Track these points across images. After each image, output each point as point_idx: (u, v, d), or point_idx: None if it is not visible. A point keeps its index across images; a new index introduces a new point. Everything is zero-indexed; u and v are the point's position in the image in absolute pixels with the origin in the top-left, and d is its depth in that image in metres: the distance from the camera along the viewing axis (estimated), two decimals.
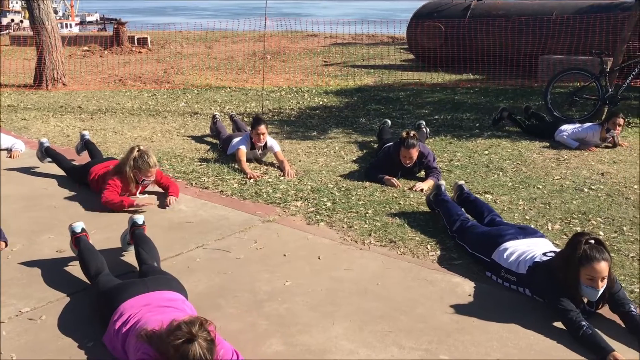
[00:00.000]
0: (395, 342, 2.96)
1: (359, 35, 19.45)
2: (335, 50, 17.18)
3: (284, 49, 16.76)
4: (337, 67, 13.97)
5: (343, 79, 12.20)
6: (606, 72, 7.93)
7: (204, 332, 2.34)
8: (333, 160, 6.31)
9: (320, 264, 3.85)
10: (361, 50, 16.83)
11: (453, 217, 4.23)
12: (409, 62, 14.65)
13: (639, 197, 5.03)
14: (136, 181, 4.92)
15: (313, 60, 15.16)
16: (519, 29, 12.12)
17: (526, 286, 3.38)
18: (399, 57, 15.70)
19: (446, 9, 13.49)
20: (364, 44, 18.72)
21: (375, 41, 19.60)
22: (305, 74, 12.85)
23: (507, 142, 6.94)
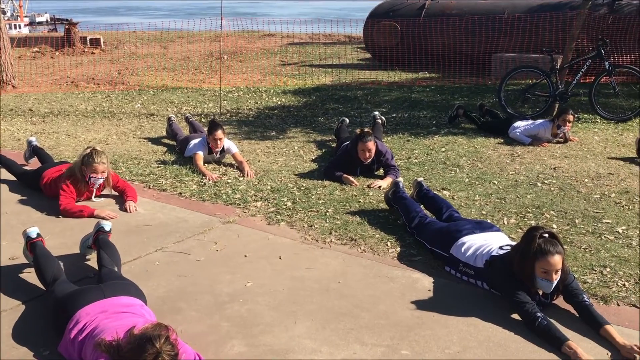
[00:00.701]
0: (357, 339, 2.97)
1: (316, 34, 19.48)
2: (293, 49, 17.17)
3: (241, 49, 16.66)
4: (295, 67, 13.96)
5: (301, 78, 12.20)
6: (556, 69, 8.16)
7: (168, 345, 2.30)
8: (292, 160, 6.31)
9: (281, 263, 3.85)
10: (318, 50, 16.87)
11: (411, 214, 4.29)
12: (366, 61, 14.75)
13: (590, 190, 5.19)
14: (85, 181, 4.80)
15: (270, 60, 15.11)
16: (473, 28, 12.35)
17: (484, 280, 3.45)
18: (356, 56, 15.79)
19: (401, 8, 13.64)
20: (321, 43, 18.77)
21: (332, 40, 19.67)
22: (263, 74, 12.80)
23: (463, 139, 7.06)
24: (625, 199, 4.97)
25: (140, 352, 2.25)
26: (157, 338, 2.28)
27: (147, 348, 2.25)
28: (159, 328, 2.35)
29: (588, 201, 4.93)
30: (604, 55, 8.01)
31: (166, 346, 2.28)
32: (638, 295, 3.37)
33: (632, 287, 3.47)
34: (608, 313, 3.17)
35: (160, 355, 2.25)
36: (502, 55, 11.71)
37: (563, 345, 2.83)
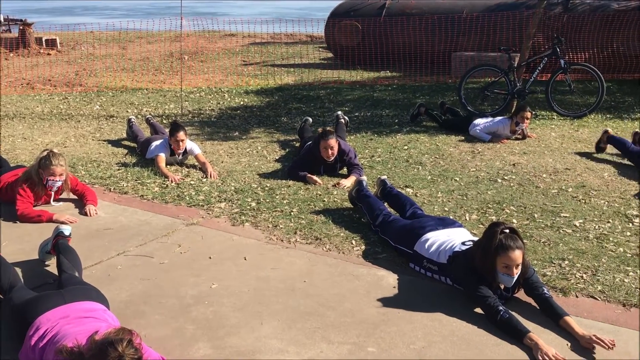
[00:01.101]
0: (324, 338, 2.98)
1: (277, 34, 19.43)
2: (254, 49, 17.09)
3: (202, 49, 16.50)
4: (257, 67, 13.90)
5: (263, 78, 12.16)
6: (514, 67, 8.33)
7: (130, 349, 2.25)
8: (256, 160, 6.28)
9: (246, 264, 3.83)
10: (280, 50, 16.83)
11: (375, 212, 4.32)
12: (328, 61, 14.79)
13: (548, 185, 5.32)
14: (42, 184, 4.69)
15: (232, 60, 15.01)
16: (432, 27, 12.51)
17: (447, 275, 3.50)
18: (318, 56, 15.81)
19: (362, 7, 13.71)
20: (283, 43, 18.73)
21: (294, 40, 19.65)
22: (225, 74, 12.70)
23: (425, 137, 7.15)
24: (582, 193, 5.11)
25: (103, 356, 2.21)
26: (120, 342, 2.24)
27: (109, 352, 2.21)
28: (122, 332, 2.31)
29: (546, 196, 5.05)
30: (559, 53, 8.21)
31: (129, 350, 2.24)
32: (595, 287, 3.47)
33: (589, 278, 3.57)
34: (567, 305, 3.25)
35: (123, 359, 2.21)
36: (462, 54, 11.89)
37: (524, 337, 2.90)
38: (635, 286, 3.46)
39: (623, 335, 2.99)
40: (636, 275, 3.60)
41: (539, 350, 2.80)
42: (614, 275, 3.60)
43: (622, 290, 3.43)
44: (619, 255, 3.88)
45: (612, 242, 4.09)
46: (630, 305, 3.28)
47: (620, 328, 3.07)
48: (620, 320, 3.14)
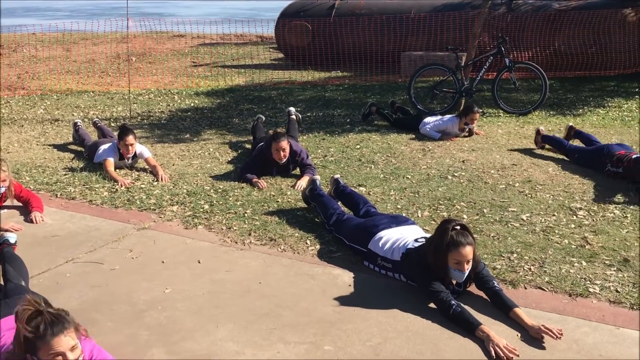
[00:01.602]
0: (280, 339, 2.98)
1: (227, 35, 19.27)
2: (204, 50, 16.90)
3: (150, 50, 16.20)
4: (207, 68, 13.76)
5: (213, 79, 12.04)
6: (461, 66, 8.50)
7: (49, 307, 2.34)
8: (208, 162, 6.22)
9: (200, 267, 3.79)
10: (230, 50, 16.70)
11: (329, 211, 4.34)
12: (279, 61, 14.77)
13: (496, 181, 5.46)
14: None
15: (181, 61, 14.80)
16: (381, 27, 12.65)
17: (401, 272, 3.55)
18: (268, 56, 15.77)
19: (312, 8, 13.75)
20: (233, 43, 18.59)
21: (244, 41, 19.52)
22: (174, 76, 12.52)
23: (376, 136, 7.22)
24: (528, 187, 5.26)
25: (37, 331, 2.25)
26: (35, 301, 2.31)
27: (28, 308, 2.28)
28: (28, 303, 2.34)
29: (495, 191, 5.18)
30: (504, 52, 8.43)
31: (48, 308, 2.32)
32: (543, 278, 3.58)
33: (537, 270, 3.68)
34: (516, 296, 3.34)
35: (43, 311, 2.28)
36: (411, 53, 12.07)
37: (476, 330, 2.97)
38: (580, 276, 3.59)
39: (570, 324, 3.10)
40: (581, 266, 3.74)
41: (490, 341, 2.87)
42: (560, 267, 3.72)
43: (567, 280, 3.55)
44: (564, 247, 4.01)
45: (558, 234, 4.23)
46: (576, 294, 3.40)
47: (567, 317, 3.18)
48: (567, 310, 3.25)
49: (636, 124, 7.63)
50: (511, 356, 2.80)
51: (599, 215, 4.58)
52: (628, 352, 2.85)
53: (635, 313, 3.20)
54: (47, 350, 2.24)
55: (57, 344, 2.25)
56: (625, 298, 3.34)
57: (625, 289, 3.45)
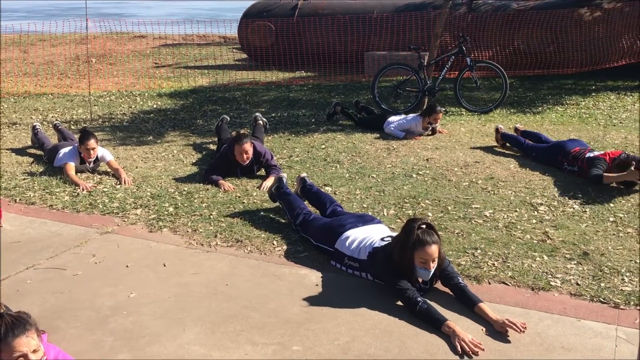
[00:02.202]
0: (248, 340, 2.96)
1: (190, 35, 19.08)
2: (166, 51, 16.70)
3: (110, 52, 15.93)
4: (170, 69, 13.60)
5: (176, 80, 11.91)
6: (424, 65, 8.60)
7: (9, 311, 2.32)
8: (172, 164, 6.15)
9: (166, 271, 3.74)
10: (193, 51, 16.55)
11: (296, 210, 4.34)
12: (242, 62, 14.69)
13: (460, 179, 5.53)
14: None
15: (143, 62, 14.59)
16: (345, 27, 12.70)
17: (368, 271, 3.57)
18: (232, 57, 15.67)
19: (275, 8, 13.72)
20: (195, 44, 18.42)
21: (206, 41, 19.36)
22: (136, 77, 12.34)
23: (341, 136, 7.25)
24: (491, 184, 5.35)
25: None
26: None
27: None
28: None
29: (458, 189, 5.26)
30: (465, 52, 8.56)
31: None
32: (506, 273, 3.65)
33: (500, 265, 3.75)
34: (481, 291, 3.40)
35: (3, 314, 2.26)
36: (374, 53, 12.15)
37: (442, 326, 3.01)
38: (542, 270, 3.67)
39: (533, 317, 3.17)
40: (542, 260, 3.82)
41: (456, 336, 2.91)
42: (523, 261, 3.80)
43: (530, 275, 3.62)
44: (527, 242, 4.10)
45: (520, 229, 4.32)
46: (538, 288, 3.47)
47: (530, 311, 3.24)
48: (529, 303, 3.32)
49: (593, 121, 7.84)
50: (476, 350, 2.85)
51: (559, 211, 4.69)
52: (589, 343, 2.93)
53: (596, 305, 3.29)
54: (9, 352, 2.21)
55: (19, 345, 2.23)
56: (586, 291, 3.43)
57: (585, 281, 3.54)
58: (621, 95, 9.47)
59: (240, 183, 5.49)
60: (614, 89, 10.01)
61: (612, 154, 5.27)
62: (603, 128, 7.42)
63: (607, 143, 6.62)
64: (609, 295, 3.36)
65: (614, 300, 3.31)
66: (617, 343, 2.93)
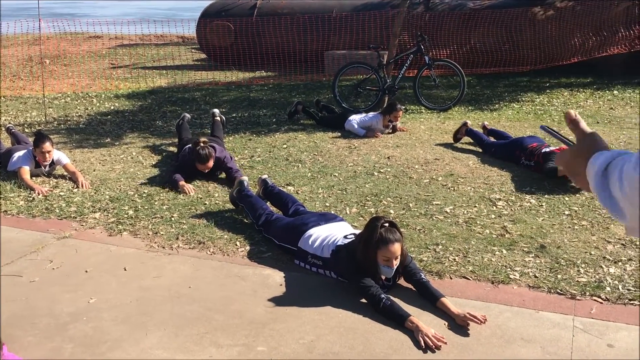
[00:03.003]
0: (212, 342, 2.94)
1: (147, 35, 18.78)
2: (123, 51, 16.41)
3: (65, 52, 15.56)
4: (127, 70, 13.36)
5: (134, 81, 11.71)
6: (383, 64, 8.67)
7: None
8: (131, 167, 6.04)
9: (126, 275, 3.68)
10: (151, 51, 16.30)
11: (258, 211, 4.32)
12: (201, 62, 14.54)
13: (420, 176, 5.60)
14: None
15: (99, 63, 14.30)
16: (304, 27, 12.71)
17: (331, 269, 3.58)
18: (191, 57, 15.50)
19: (233, 7, 13.63)
20: (153, 44, 18.15)
21: (164, 41, 19.10)
22: (92, 78, 12.09)
23: (303, 135, 7.25)
24: (451, 181, 5.44)
25: None
26: None
27: None
28: None
29: (419, 186, 5.32)
30: (424, 51, 8.67)
31: None
32: (467, 268, 3.71)
33: (461, 260, 3.81)
34: (443, 286, 3.45)
35: None
36: (334, 52, 12.19)
37: (406, 321, 3.04)
38: (501, 264, 3.75)
39: (493, 310, 3.23)
40: (502, 254, 3.90)
41: (419, 331, 2.95)
42: (483, 256, 3.87)
43: (490, 268, 3.69)
44: (486, 237, 4.18)
45: (479, 225, 4.40)
46: (498, 282, 3.54)
47: (490, 304, 3.31)
48: (490, 297, 3.39)
49: (548, 117, 8.04)
50: (439, 344, 2.89)
51: (517, 205, 4.79)
52: (548, 334, 3.01)
53: (553, 296, 3.38)
54: None
55: None
56: (543, 282, 3.52)
57: (542, 273, 3.63)
58: (574, 91, 9.74)
59: (201, 184, 5.44)
60: (567, 85, 10.29)
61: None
62: (557, 124, 7.62)
63: None
64: (566, 287, 3.46)
65: (571, 292, 3.41)
66: (574, 333, 3.01)
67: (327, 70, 11.92)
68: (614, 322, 3.11)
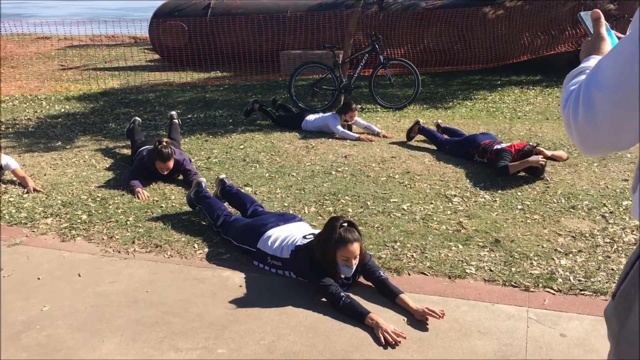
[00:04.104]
0: (171, 347, 2.90)
1: (97, 36, 18.39)
2: (73, 53, 16.01)
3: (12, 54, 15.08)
4: (77, 71, 13.04)
5: (85, 83, 11.44)
6: (339, 64, 8.71)
7: None
8: (84, 170, 5.90)
9: (81, 281, 3.59)
10: (102, 52, 15.96)
11: (216, 212, 4.29)
12: (155, 62, 14.32)
13: (377, 174, 5.66)
14: None
15: (48, 64, 13.91)
16: (259, 27, 12.66)
17: (291, 269, 3.58)
18: (144, 58, 15.24)
19: (186, 7, 13.46)
20: (104, 45, 17.77)
21: (116, 42, 18.73)
22: (41, 80, 11.75)
23: (260, 135, 7.22)
24: (407, 178, 5.51)
25: None
26: None
27: None
28: None
29: (376, 184, 5.37)
30: (378, 50, 8.75)
31: None
32: (424, 264, 3.77)
33: (419, 257, 3.87)
34: (401, 283, 3.49)
35: None
36: (289, 52, 12.18)
37: (366, 318, 3.07)
38: (457, 259, 3.82)
39: (451, 305, 3.29)
40: (458, 249, 3.98)
41: (379, 328, 2.98)
42: (439, 251, 3.94)
43: (447, 264, 3.76)
44: (442, 233, 4.25)
45: (436, 221, 4.47)
46: (455, 276, 3.61)
47: (447, 298, 3.37)
48: (447, 291, 3.45)
49: (500, 114, 8.23)
50: (399, 340, 2.93)
51: (472, 201, 4.89)
52: (503, 326, 3.08)
53: (508, 289, 3.46)
54: None
55: None
56: (498, 276, 3.60)
57: (497, 267, 3.71)
58: (524, 89, 9.99)
59: (157, 187, 5.36)
60: (518, 83, 10.55)
61: (517, 146, 5.56)
62: (509, 121, 7.80)
63: (513, 135, 6.97)
64: (520, 279, 3.55)
65: (524, 284, 3.50)
66: (528, 324, 3.09)
67: (283, 70, 11.91)
68: (566, 312, 3.20)
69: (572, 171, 5.57)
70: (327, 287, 3.25)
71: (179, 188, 5.32)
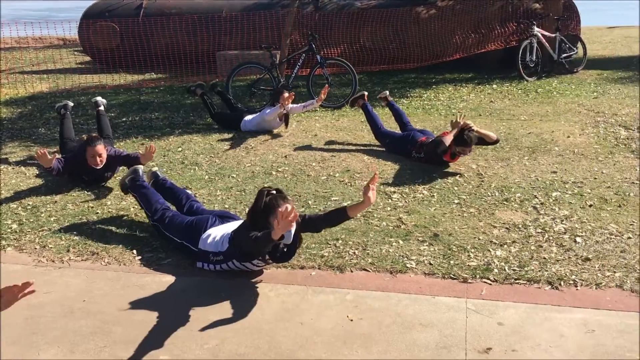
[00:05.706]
0: (112, 355, 2.83)
1: (23, 38, 17.64)
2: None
3: None
4: (2, 75, 12.48)
5: (11, 87, 10.96)
6: (276, 64, 8.70)
7: None
8: (13, 178, 5.66)
9: None
10: (29, 55, 15.33)
11: (154, 205, 4.17)
12: (86, 65, 13.87)
13: (318, 173, 5.69)
14: None
15: None
16: (194, 27, 12.47)
17: (233, 257, 3.53)
18: (74, 60, 14.74)
19: (118, 8, 13.11)
20: (31, 47, 17.09)
21: (43, 44, 18.03)
22: None
23: (198, 137, 7.12)
24: (347, 176, 5.56)
25: None
26: None
27: None
28: None
29: (317, 183, 5.40)
30: (315, 50, 8.79)
31: None
32: (367, 260, 3.82)
33: (360, 253, 3.92)
34: (344, 280, 3.53)
35: None
36: (226, 53, 12.06)
37: (272, 233, 3.02)
38: (398, 254, 3.89)
39: (393, 299, 3.35)
40: (398, 244, 4.05)
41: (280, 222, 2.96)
42: (381, 247, 4.00)
43: (388, 259, 3.82)
44: (383, 229, 4.32)
45: (377, 218, 4.54)
46: (396, 271, 3.68)
47: (390, 293, 3.42)
48: (389, 287, 3.50)
49: (435, 112, 8.43)
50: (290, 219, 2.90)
51: (411, 197, 4.99)
52: (444, 317, 3.16)
53: (447, 281, 3.55)
54: None
55: None
56: (438, 269, 3.69)
57: (437, 260, 3.81)
58: (458, 86, 10.27)
59: (91, 193, 5.19)
60: (451, 81, 10.83)
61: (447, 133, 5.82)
62: (444, 117, 8.00)
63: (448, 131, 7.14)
64: (458, 271, 3.65)
65: (463, 275, 3.60)
66: (467, 314, 3.19)
67: (220, 71, 11.77)
68: (503, 301, 3.32)
69: (505, 165, 5.77)
70: (249, 238, 3.22)
71: (115, 193, 5.18)
